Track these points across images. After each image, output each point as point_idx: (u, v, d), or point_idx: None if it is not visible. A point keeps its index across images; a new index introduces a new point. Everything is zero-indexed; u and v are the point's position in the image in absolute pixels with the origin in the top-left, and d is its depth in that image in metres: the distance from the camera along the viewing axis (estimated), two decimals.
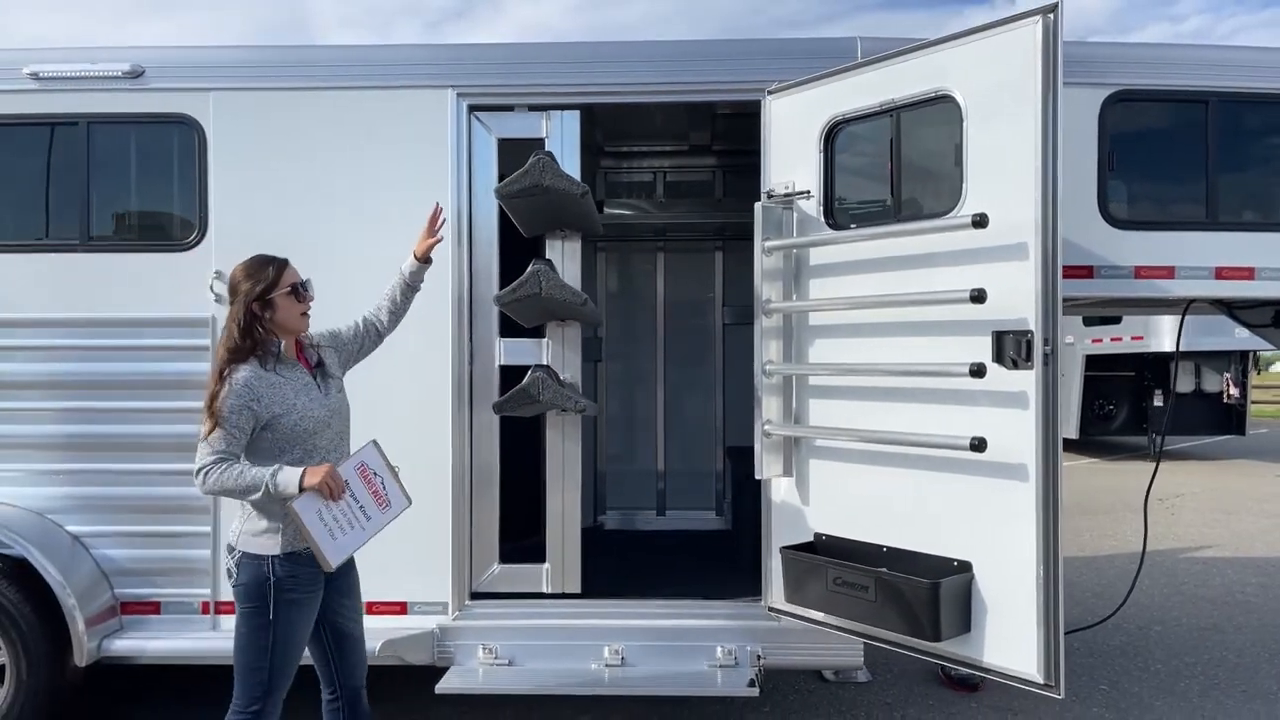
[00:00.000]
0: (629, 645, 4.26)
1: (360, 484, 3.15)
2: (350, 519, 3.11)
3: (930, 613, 3.42)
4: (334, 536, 3.06)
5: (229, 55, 4.44)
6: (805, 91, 4.01)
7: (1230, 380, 14.21)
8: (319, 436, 3.18)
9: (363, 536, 3.17)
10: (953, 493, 3.54)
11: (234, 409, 3.01)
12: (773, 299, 4.05)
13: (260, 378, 3.08)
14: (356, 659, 3.38)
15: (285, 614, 3.07)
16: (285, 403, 3.10)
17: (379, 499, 3.19)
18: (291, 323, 3.20)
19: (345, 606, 3.33)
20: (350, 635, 3.35)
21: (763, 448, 4.05)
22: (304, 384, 3.19)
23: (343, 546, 3.10)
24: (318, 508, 3.03)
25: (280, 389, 3.11)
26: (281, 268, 3.20)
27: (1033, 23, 3.26)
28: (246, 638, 3.09)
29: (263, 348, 3.13)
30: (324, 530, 3.04)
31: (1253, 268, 4.26)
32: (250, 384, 3.04)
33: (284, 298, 3.16)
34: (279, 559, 3.07)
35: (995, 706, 4.98)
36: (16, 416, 4.32)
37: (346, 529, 3.10)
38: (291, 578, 3.08)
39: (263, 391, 3.06)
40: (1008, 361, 3.32)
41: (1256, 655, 5.81)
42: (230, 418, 3.00)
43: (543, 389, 4.06)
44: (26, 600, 4.13)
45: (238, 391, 3.02)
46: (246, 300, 3.12)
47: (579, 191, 3.93)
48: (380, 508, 3.21)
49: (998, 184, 3.38)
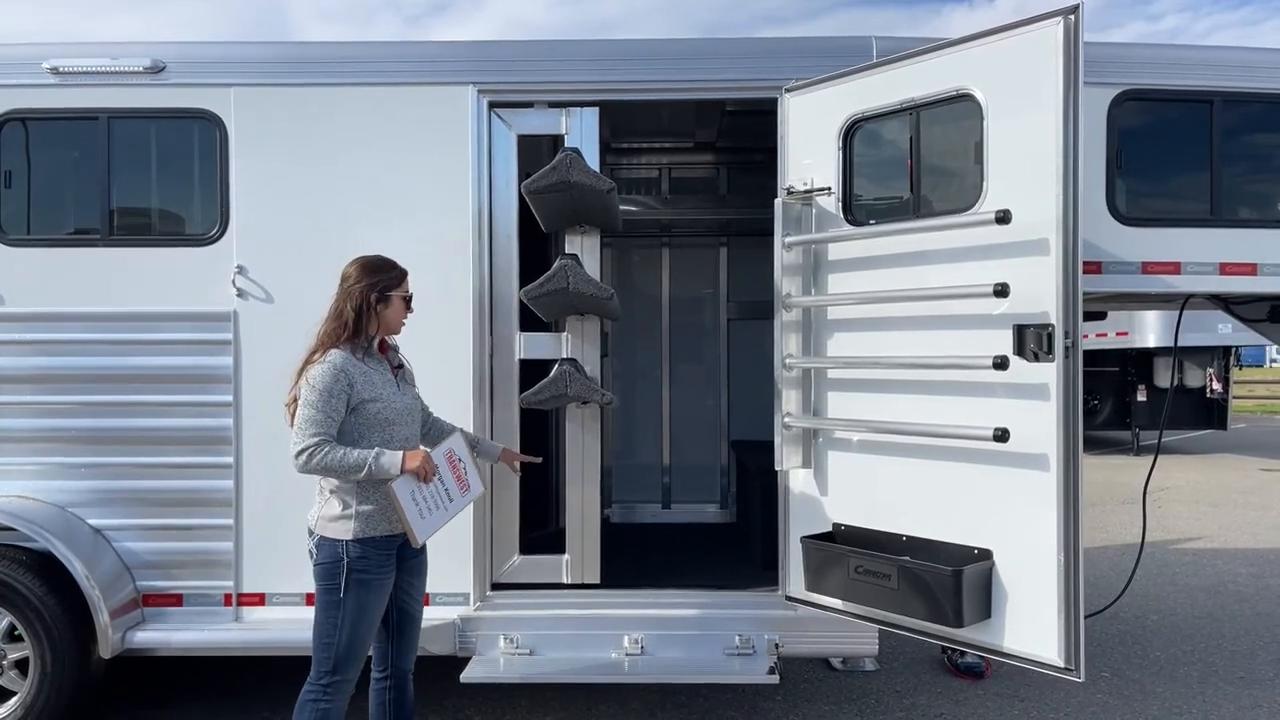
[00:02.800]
0: (648, 634, 4.32)
1: (447, 469, 3.40)
2: (438, 500, 3.36)
3: (953, 599, 3.51)
4: (423, 516, 3.30)
5: (250, 51, 4.47)
6: (824, 89, 4.08)
7: (1213, 375, 14.43)
8: (397, 428, 3.36)
9: (446, 516, 3.43)
10: (974, 483, 3.62)
11: (332, 391, 3.21)
12: (793, 294, 4.12)
13: (353, 364, 3.29)
14: (412, 641, 3.57)
15: (356, 594, 3.25)
16: (374, 390, 3.29)
17: (461, 483, 3.47)
18: (394, 324, 3.45)
19: (414, 587, 3.54)
20: (412, 616, 3.55)
21: (782, 440, 4.12)
22: (387, 378, 3.40)
23: (430, 525, 3.35)
24: (411, 489, 3.26)
25: (370, 377, 3.31)
26: (405, 275, 3.48)
27: (1054, 23, 3.34)
28: (321, 615, 3.29)
29: (364, 336, 3.35)
30: (415, 510, 3.27)
31: (1255, 263, 4.36)
32: (345, 368, 3.25)
33: (399, 299, 3.43)
34: (352, 543, 3.25)
35: (1001, 693, 5.08)
36: (39, 410, 4.34)
37: (433, 509, 3.35)
38: (363, 559, 3.26)
39: (356, 376, 3.26)
40: (1029, 354, 3.40)
41: (1252, 643, 5.95)
42: (328, 400, 3.20)
43: (570, 382, 4.12)
44: (51, 593, 4.15)
45: (334, 374, 3.22)
46: (368, 289, 3.33)
47: (605, 188, 3.99)
48: (462, 491, 3.50)
49: (1019, 181, 3.46)
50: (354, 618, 3.25)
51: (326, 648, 3.27)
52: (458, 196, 4.32)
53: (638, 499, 6.84)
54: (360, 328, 3.33)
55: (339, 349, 3.27)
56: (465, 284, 4.31)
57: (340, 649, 3.25)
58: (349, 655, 3.28)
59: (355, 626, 3.26)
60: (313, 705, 3.27)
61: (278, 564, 4.28)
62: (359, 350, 3.34)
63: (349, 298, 3.32)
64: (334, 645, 3.25)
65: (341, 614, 3.24)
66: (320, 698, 3.27)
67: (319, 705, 3.27)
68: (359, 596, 3.25)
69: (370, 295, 3.33)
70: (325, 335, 3.30)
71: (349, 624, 3.24)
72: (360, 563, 3.25)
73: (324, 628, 3.27)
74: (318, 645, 3.29)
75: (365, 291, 3.32)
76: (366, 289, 3.33)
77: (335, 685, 3.27)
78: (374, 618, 3.34)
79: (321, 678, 3.28)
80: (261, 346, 4.28)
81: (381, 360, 3.44)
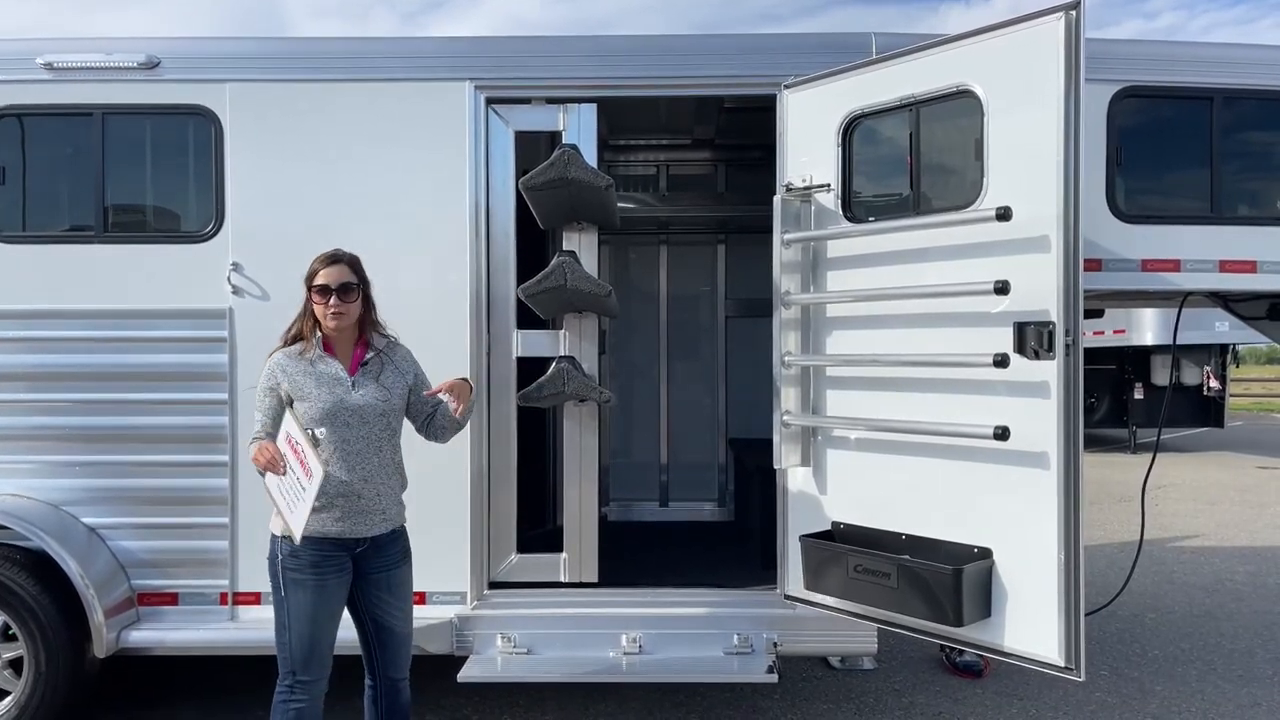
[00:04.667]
0: (646, 633, 4.30)
1: (291, 456, 3.15)
2: (296, 491, 3.14)
3: (953, 598, 3.49)
4: (291, 509, 3.14)
5: (245, 47, 4.44)
6: (823, 86, 4.06)
7: (1210, 373, 14.44)
8: (350, 430, 3.26)
9: (305, 507, 3.13)
10: (974, 481, 3.61)
11: (264, 389, 3.31)
12: (792, 291, 4.10)
13: (290, 362, 3.30)
14: (396, 652, 3.48)
15: (292, 592, 3.24)
16: (300, 390, 3.27)
17: (305, 469, 3.14)
18: (321, 317, 3.32)
19: (385, 602, 3.41)
20: (390, 630, 3.44)
21: (781, 438, 4.10)
22: (334, 376, 3.29)
23: (298, 517, 3.14)
24: (276, 482, 3.16)
25: (302, 377, 3.28)
26: (319, 262, 3.33)
27: (1055, 19, 3.31)
28: (274, 615, 3.30)
29: (304, 336, 3.32)
30: (283, 502, 3.15)
31: (1254, 261, 4.35)
32: (274, 368, 3.30)
33: (314, 293, 3.31)
34: (280, 540, 3.28)
35: (1000, 692, 5.06)
36: (33, 408, 4.31)
37: (296, 501, 3.14)
38: (292, 557, 3.24)
39: (286, 376, 3.28)
40: (1029, 352, 3.38)
41: (1250, 641, 5.94)
42: (261, 397, 3.31)
43: (568, 379, 4.10)
44: (45, 592, 4.12)
45: (266, 373, 3.32)
46: (306, 288, 3.34)
47: (603, 185, 3.97)
48: (307, 477, 3.13)
49: (1019, 177, 3.44)
50: (296, 617, 3.23)
51: (282, 647, 3.27)
52: (455, 193, 4.29)
53: (636, 497, 6.83)
54: (300, 329, 3.35)
55: (281, 350, 3.33)
56: (462, 281, 4.29)
57: (291, 649, 3.24)
58: (303, 656, 3.24)
59: (300, 626, 3.23)
60: (283, 706, 3.27)
61: None
62: (309, 348, 3.31)
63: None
64: (286, 645, 3.25)
65: (285, 613, 3.24)
66: (289, 698, 3.26)
67: (289, 706, 3.26)
68: (296, 595, 3.22)
69: (307, 294, 3.34)
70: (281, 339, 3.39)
71: (292, 623, 3.23)
72: (290, 560, 3.23)
73: (276, 628, 3.28)
74: (277, 645, 3.29)
75: (306, 291, 3.34)
76: (306, 289, 3.34)
77: (300, 685, 3.25)
78: (320, 619, 3.26)
79: (285, 678, 3.27)
80: (257, 343, 4.21)
81: (332, 360, 3.32)
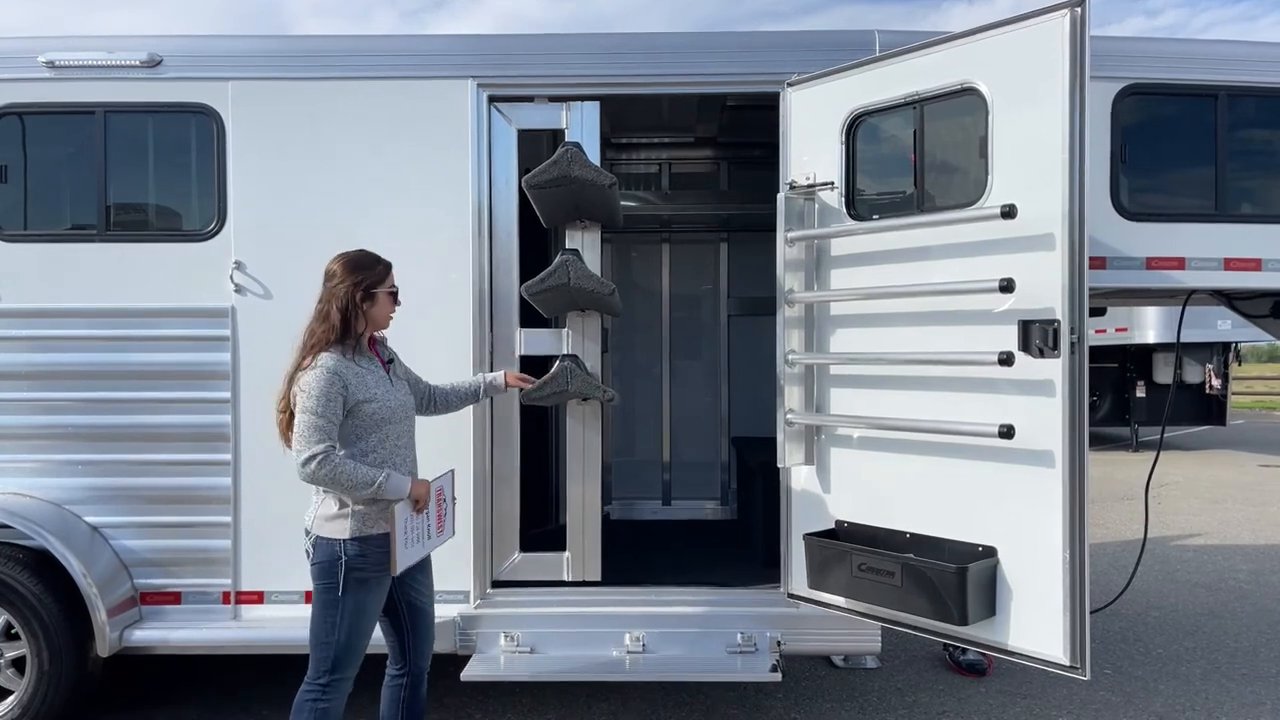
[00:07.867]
0: (649, 632, 4.30)
1: (433, 506, 3.38)
2: (420, 534, 3.35)
3: (957, 597, 3.48)
4: (407, 545, 3.28)
5: (248, 45, 4.43)
6: (826, 83, 4.05)
7: (1212, 372, 14.42)
8: (392, 426, 3.34)
9: (422, 552, 3.44)
10: (978, 479, 3.60)
11: (329, 395, 3.16)
12: (795, 289, 4.09)
13: (346, 365, 3.24)
14: (427, 638, 3.57)
15: (354, 593, 3.23)
16: (368, 390, 3.25)
17: (440, 523, 3.47)
18: (382, 320, 3.41)
19: (419, 582, 3.54)
20: (424, 611, 3.55)
21: (785, 436, 4.09)
22: (380, 376, 3.36)
23: (409, 556, 3.33)
24: (407, 516, 3.28)
25: (363, 377, 3.27)
26: (390, 268, 3.42)
27: (1060, 16, 3.30)
28: (319, 614, 3.26)
29: (353, 336, 3.30)
30: (404, 538, 3.25)
31: (1259, 259, 4.34)
32: (338, 371, 3.20)
33: (386, 295, 3.38)
34: (349, 542, 3.21)
35: (1004, 690, 5.06)
36: (36, 407, 4.31)
37: (415, 541, 3.33)
38: (360, 557, 3.23)
39: (349, 378, 3.22)
40: (1034, 350, 3.37)
41: (1254, 640, 5.94)
42: (327, 404, 3.15)
43: (572, 378, 4.10)
44: (48, 591, 4.12)
45: (329, 378, 3.17)
46: (353, 288, 3.28)
47: (606, 183, 3.96)
48: (439, 531, 3.51)
49: (1024, 175, 3.43)
50: (352, 617, 3.23)
51: (324, 647, 3.24)
52: (457, 191, 4.29)
53: (638, 496, 6.81)
54: (349, 328, 3.27)
55: (329, 352, 3.22)
56: (465, 280, 4.28)
57: (338, 648, 3.23)
58: (347, 654, 3.25)
59: (354, 625, 3.24)
60: (311, 705, 3.25)
61: (276, 562, 4.25)
62: (349, 350, 3.28)
63: (334, 298, 3.26)
64: (332, 645, 3.23)
65: (340, 613, 3.22)
66: (319, 697, 3.25)
67: (317, 705, 3.25)
68: (357, 596, 3.23)
69: (355, 294, 3.27)
70: (315, 339, 3.25)
71: (347, 623, 3.22)
72: (358, 561, 3.21)
73: (322, 627, 3.24)
74: (315, 644, 3.26)
75: (350, 291, 3.27)
76: (352, 288, 3.27)
77: (334, 684, 3.26)
78: (372, 616, 3.32)
79: (320, 677, 3.25)
80: (260, 342, 4.25)
81: (373, 358, 3.39)
